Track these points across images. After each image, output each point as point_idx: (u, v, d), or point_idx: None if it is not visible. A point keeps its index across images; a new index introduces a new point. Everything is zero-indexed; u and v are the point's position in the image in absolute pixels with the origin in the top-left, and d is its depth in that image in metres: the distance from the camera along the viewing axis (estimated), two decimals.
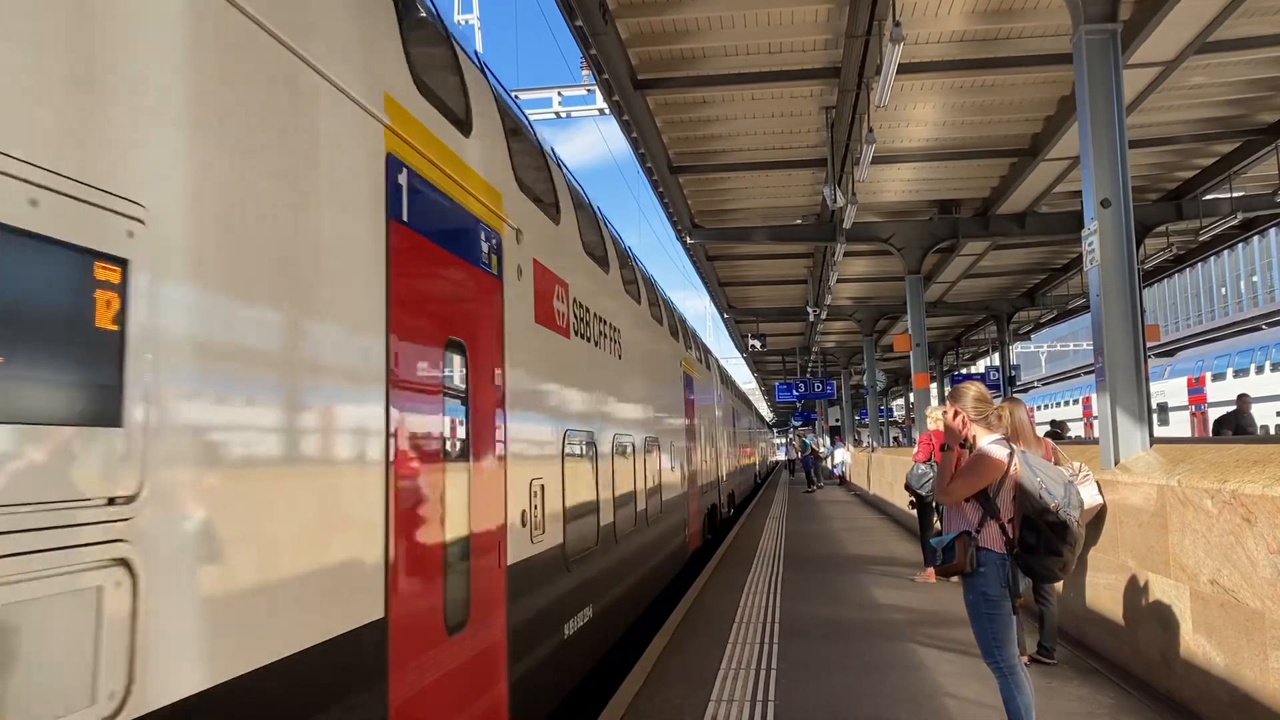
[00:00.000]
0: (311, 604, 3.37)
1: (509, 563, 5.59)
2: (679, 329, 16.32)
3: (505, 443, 5.63)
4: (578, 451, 7.69)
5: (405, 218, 4.27)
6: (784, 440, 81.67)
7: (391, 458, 4.00)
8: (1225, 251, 41.30)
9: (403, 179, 4.27)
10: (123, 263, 2.50)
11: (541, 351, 6.63)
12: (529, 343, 6.30)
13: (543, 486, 6.53)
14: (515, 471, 5.84)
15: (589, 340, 8.24)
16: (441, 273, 4.82)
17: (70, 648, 2.33)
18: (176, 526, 2.73)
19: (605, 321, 9.01)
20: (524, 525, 5.98)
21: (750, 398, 53.75)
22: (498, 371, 5.52)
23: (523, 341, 6.11)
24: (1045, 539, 4.97)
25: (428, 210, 4.60)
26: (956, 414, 5.31)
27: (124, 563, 2.48)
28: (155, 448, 2.61)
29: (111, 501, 2.45)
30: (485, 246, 5.48)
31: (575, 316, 7.70)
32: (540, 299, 6.61)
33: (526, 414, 6.09)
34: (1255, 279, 72.79)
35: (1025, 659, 5.63)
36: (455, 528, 4.75)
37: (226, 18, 3.09)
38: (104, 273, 2.43)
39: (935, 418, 11.18)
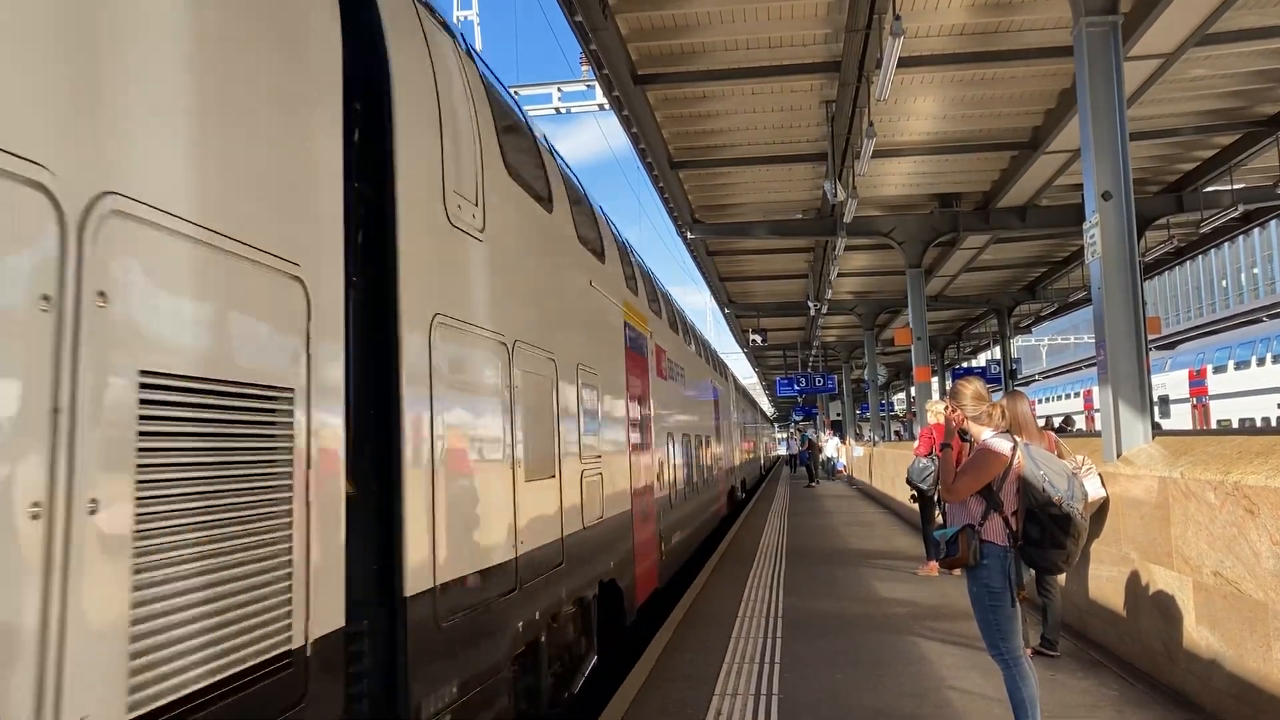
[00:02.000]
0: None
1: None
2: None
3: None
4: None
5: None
6: (784, 435, 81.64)
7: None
8: (1226, 244, 41.38)
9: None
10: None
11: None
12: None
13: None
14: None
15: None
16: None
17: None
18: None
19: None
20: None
21: (752, 393, 52.88)
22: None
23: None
24: (1049, 532, 4.99)
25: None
26: (955, 410, 5.32)
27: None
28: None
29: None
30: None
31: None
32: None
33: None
34: (1256, 271, 72.74)
35: (1028, 651, 5.64)
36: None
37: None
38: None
39: (936, 411, 11.18)
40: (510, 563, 5.24)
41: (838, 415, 53.45)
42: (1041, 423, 14.19)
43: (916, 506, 12.80)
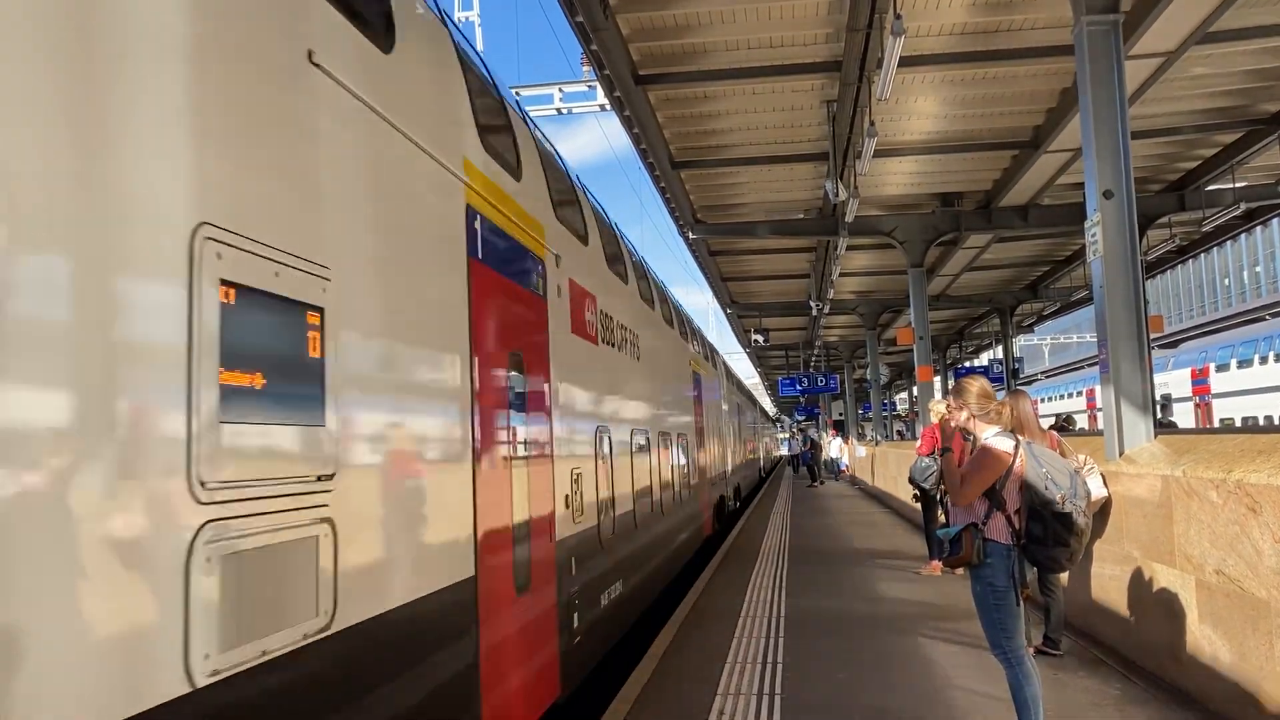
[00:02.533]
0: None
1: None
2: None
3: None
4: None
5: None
6: (787, 435, 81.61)
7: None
8: (1228, 242, 41.32)
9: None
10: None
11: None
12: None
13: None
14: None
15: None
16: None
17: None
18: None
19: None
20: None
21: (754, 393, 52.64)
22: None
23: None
24: (1051, 530, 4.99)
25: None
26: (959, 408, 5.31)
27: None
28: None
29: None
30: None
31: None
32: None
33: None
34: (1258, 269, 72.63)
35: (1031, 650, 5.64)
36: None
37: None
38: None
39: (938, 411, 11.17)
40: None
41: (840, 415, 53.41)
42: (1050, 421, 14.20)
43: (919, 506, 12.79)
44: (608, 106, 16.50)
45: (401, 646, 4.02)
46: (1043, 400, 64.06)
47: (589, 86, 20.99)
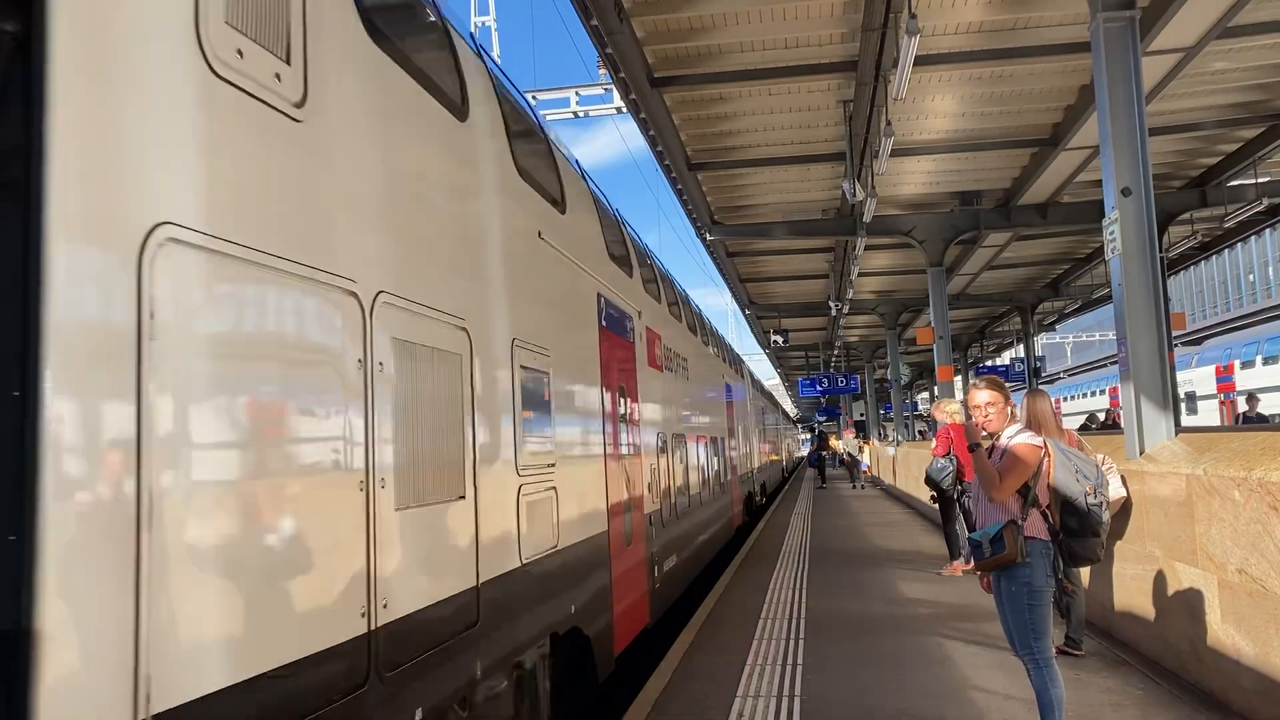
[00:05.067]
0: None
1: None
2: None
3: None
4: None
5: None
6: (807, 437, 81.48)
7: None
8: (1252, 238, 40.90)
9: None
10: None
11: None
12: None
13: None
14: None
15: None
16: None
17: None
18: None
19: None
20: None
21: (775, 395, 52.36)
22: None
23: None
24: (1086, 521, 5.09)
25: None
26: (1002, 408, 5.28)
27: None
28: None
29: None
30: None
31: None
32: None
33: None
34: None
35: (1053, 651, 5.62)
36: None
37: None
38: None
39: (949, 411, 11.15)
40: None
41: (861, 415, 53.22)
42: (1080, 421, 14.14)
43: (937, 506, 12.74)
44: (624, 109, 16.55)
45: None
46: (1065, 399, 63.67)
47: (605, 89, 21.05)
